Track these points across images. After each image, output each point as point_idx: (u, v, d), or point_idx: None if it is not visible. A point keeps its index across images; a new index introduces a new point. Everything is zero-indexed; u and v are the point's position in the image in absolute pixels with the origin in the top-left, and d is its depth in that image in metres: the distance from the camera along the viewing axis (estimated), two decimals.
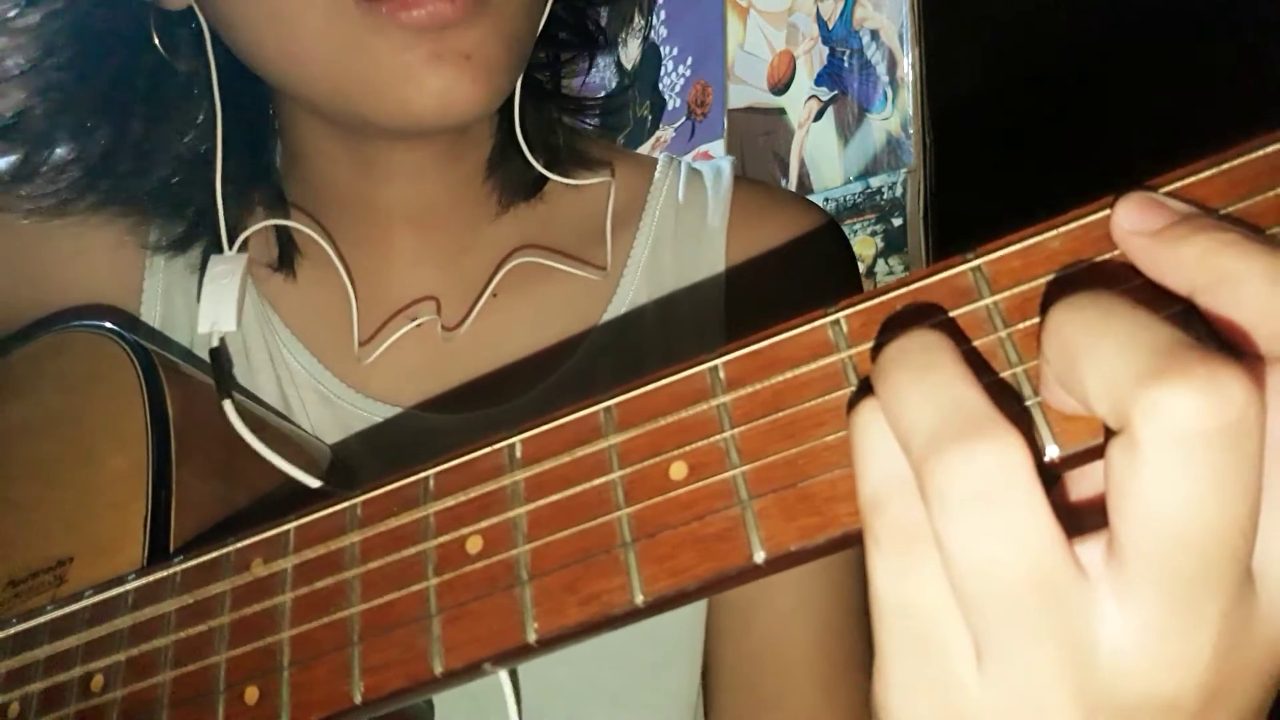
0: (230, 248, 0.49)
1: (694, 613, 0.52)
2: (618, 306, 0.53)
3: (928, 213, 1.34)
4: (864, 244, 1.41)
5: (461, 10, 0.40)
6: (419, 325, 0.51)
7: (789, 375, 0.25)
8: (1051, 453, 0.22)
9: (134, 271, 0.53)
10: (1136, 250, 0.22)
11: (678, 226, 0.55)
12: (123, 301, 0.52)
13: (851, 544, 0.24)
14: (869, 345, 0.24)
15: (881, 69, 1.41)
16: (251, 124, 0.51)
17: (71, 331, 0.44)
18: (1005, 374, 0.23)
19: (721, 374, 0.26)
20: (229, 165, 0.48)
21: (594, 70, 0.58)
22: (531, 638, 0.27)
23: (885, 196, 1.39)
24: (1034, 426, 0.22)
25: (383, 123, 0.43)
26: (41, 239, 0.52)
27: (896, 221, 1.37)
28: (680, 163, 0.59)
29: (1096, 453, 0.22)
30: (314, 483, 0.42)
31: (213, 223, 0.50)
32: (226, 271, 0.48)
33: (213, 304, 0.48)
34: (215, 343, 0.47)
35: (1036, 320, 0.23)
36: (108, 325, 0.43)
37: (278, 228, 0.52)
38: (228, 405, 0.44)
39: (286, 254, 0.52)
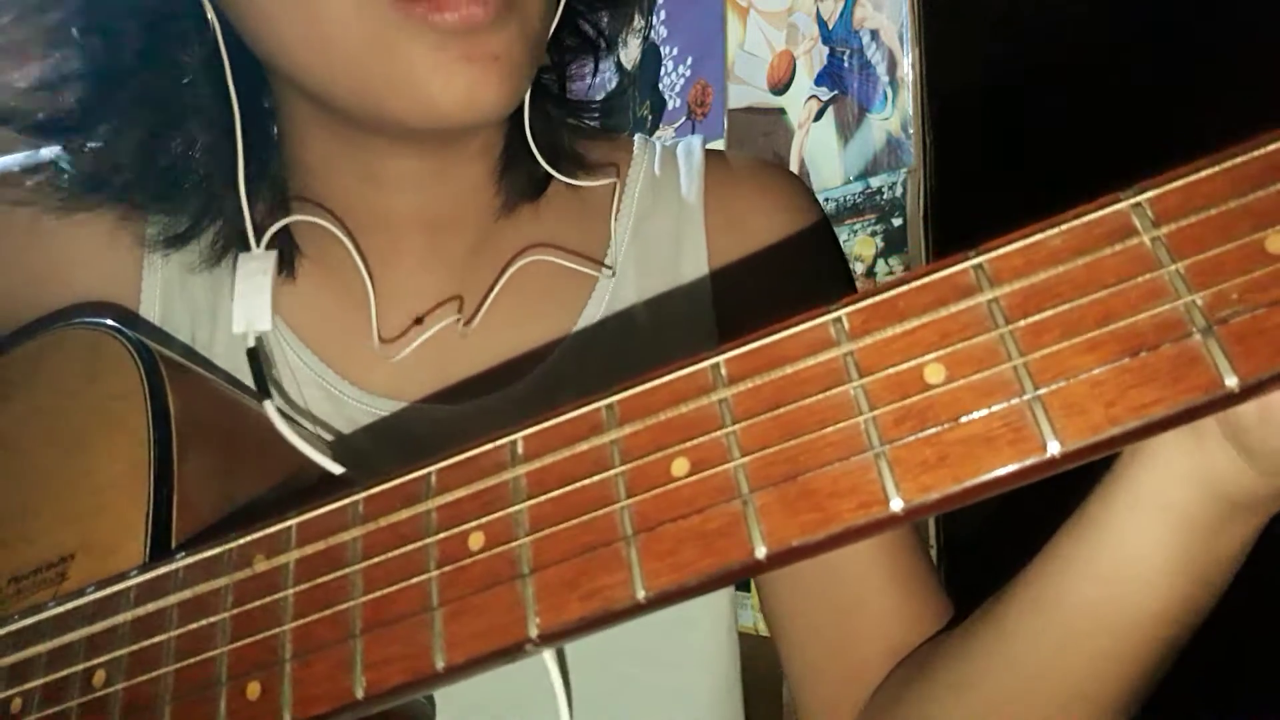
0: (259, 245, 0.48)
1: None
2: (605, 286, 0.54)
3: (928, 213, 1.34)
4: (864, 244, 1.41)
5: (492, 12, 0.40)
6: (445, 325, 0.52)
7: (790, 371, 0.25)
8: (1053, 448, 0.22)
9: (132, 271, 0.52)
10: None
11: (656, 204, 0.57)
12: (121, 300, 0.52)
13: (852, 541, 0.24)
14: (870, 341, 0.25)
15: (881, 69, 1.41)
16: (256, 135, 0.51)
17: (72, 328, 0.44)
18: (1005, 366, 0.23)
19: (723, 370, 0.26)
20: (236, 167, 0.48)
21: (595, 71, 0.59)
22: (534, 633, 0.26)
23: (885, 196, 1.39)
24: (1037, 420, 0.22)
25: (407, 121, 0.43)
26: (40, 237, 0.52)
27: (896, 221, 1.37)
28: (654, 143, 0.60)
29: (1101, 446, 0.22)
30: (337, 469, 0.42)
31: (214, 218, 0.50)
32: (258, 269, 0.48)
33: (246, 303, 0.47)
34: (251, 342, 0.47)
35: (1037, 316, 0.23)
36: (108, 322, 0.43)
37: (277, 232, 0.52)
38: (269, 406, 0.44)
39: (288, 257, 0.52)
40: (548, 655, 0.42)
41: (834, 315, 0.25)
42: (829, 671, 0.51)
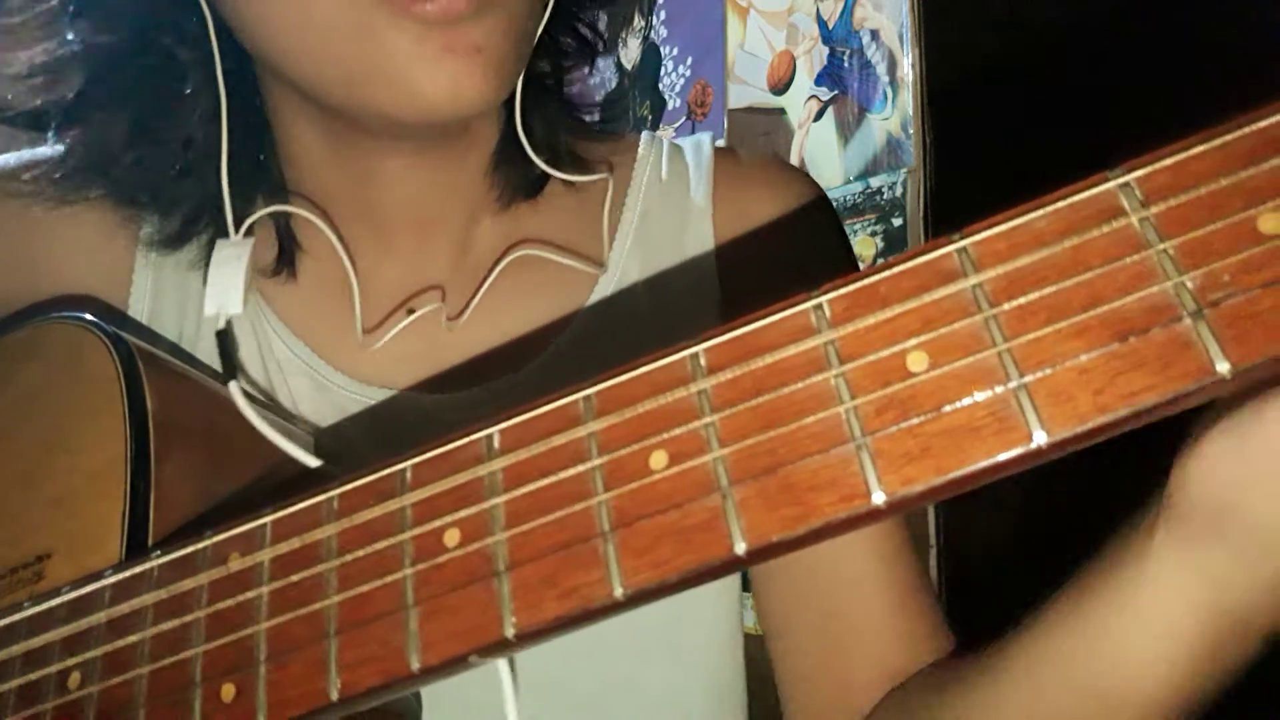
0: (236, 234, 0.49)
1: None
2: (608, 283, 0.54)
3: (928, 213, 1.34)
4: (864, 244, 1.40)
5: (473, 2, 0.40)
6: (427, 311, 0.51)
7: (770, 360, 0.25)
8: (1039, 438, 0.21)
9: (124, 266, 0.52)
10: None
11: (663, 202, 0.56)
12: (111, 295, 0.52)
13: (834, 535, 0.23)
14: (852, 328, 0.24)
15: (881, 69, 1.41)
16: (249, 130, 0.51)
17: (50, 323, 0.44)
18: (989, 353, 0.22)
19: (702, 360, 0.26)
20: (231, 164, 0.48)
21: (594, 70, 0.58)
22: (510, 632, 0.26)
23: (885, 196, 1.38)
24: (1022, 409, 0.21)
25: (392, 113, 0.43)
26: (36, 230, 0.52)
27: (896, 221, 1.36)
28: (661, 140, 0.59)
29: (1089, 435, 0.21)
30: (314, 461, 0.42)
31: (209, 218, 0.50)
32: (232, 255, 0.48)
33: (219, 287, 0.48)
34: (221, 324, 0.48)
35: (1022, 301, 0.22)
36: (86, 316, 0.43)
37: (278, 228, 0.52)
38: (234, 387, 0.44)
39: (287, 251, 0.52)
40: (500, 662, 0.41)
41: (815, 302, 0.25)
42: (819, 682, 0.51)
